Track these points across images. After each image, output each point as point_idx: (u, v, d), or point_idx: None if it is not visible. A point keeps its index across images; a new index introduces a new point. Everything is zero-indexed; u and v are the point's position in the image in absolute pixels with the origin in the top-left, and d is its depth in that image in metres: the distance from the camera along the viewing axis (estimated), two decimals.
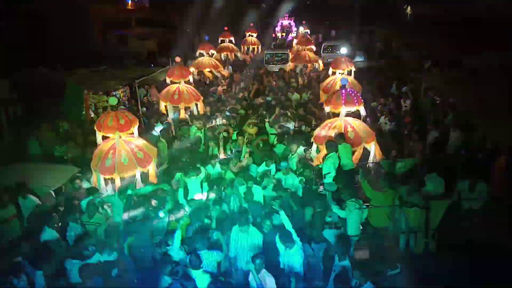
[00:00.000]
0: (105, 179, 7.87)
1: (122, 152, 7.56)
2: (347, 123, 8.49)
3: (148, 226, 6.44)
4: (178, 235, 5.92)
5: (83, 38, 23.07)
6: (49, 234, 6.40)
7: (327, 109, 9.13)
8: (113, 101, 8.02)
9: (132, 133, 8.07)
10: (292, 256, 5.60)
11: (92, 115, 13.23)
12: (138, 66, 18.02)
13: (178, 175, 7.87)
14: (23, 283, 5.37)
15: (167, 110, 12.10)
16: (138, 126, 8.56)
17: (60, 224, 6.77)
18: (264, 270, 5.26)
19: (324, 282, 5.92)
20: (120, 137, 7.74)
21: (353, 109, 8.89)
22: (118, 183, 7.53)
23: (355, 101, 8.77)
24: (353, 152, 8.16)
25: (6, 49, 16.79)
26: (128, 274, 5.84)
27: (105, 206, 7.41)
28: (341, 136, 7.93)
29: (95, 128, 8.12)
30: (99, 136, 8.10)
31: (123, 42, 25.55)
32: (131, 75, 14.67)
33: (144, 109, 13.56)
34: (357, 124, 8.52)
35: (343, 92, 8.72)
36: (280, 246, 5.72)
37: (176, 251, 5.91)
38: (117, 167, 7.41)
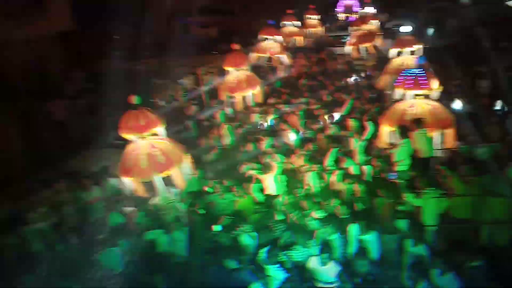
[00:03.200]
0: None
1: (143, 154, 7.12)
2: (422, 105, 7.99)
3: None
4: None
5: (148, 29, 23.90)
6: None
7: (399, 91, 8.70)
8: (133, 99, 7.33)
9: (156, 134, 7.61)
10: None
11: (159, 102, 13.80)
12: (201, 54, 18.38)
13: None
14: None
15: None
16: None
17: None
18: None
19: (398, 271, 5.76)
20: (145, 138, 7.34)
21: (427, 91, 8.36)
22: (137, 186, 7.22)
23: (431, 82, 8.24)
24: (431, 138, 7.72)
25: (79, 42, 17.85)
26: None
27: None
28: (418, 122, 7.50)
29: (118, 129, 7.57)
30: (124, 136, 7.54)
31: (186, 30, 26.12)
32: (195, 63, 15.07)
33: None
34: (434, 107, 8.01)
35: (418, 72, 8.19)
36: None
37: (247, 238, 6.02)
38: (134, 169, 7.07)
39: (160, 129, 7.58)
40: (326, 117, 9.88)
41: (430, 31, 21.30)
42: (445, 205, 6.35)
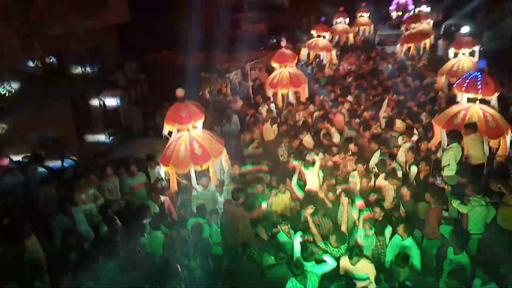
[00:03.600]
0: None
1: (182, 146, 7.19)
2: (485, 111, 7.62)
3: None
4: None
5: (199, 23, 24.42)
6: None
7: (460, 96, 8.35)
8: (180, 92, 7.34)
9: (196, 127, 7.57)
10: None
11: (208, 96, 14.09)
12: (249, 49, 18.51)
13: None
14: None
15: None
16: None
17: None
18: None
19: (437, 277, 5.59)
20: (188, 130, 7.37)
21: (485, 96, 7.97)
22: (172, 176, 7.30)
23: (493, 87, 7.82)
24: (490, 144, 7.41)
25: (133, 34, 18.57)
26: None
27: None
28: (472, 126, 7.20)
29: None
30: (165, 127, 7.64)
31: (236, 26, 26.39)
32: (242, 58, 15.21)
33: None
34: (494, 113, 7.62)
35: (480, 76, 7.83)
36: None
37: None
38: (173, 159, 7.13)
39: (201, 122, 7.62)
40: (371, 116, 9.71)
41: (488, 32, 20.18)
42: (492, 214, 6.06)
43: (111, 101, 13.00)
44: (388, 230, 5.91)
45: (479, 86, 7.71)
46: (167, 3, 22.55)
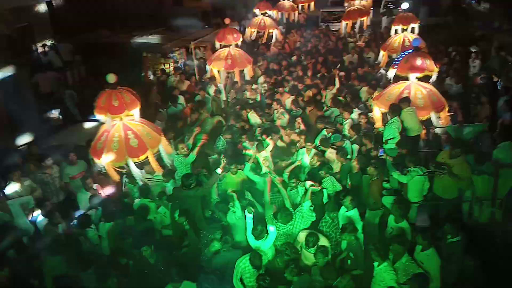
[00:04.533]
0: None
1: (115, 137, 6.60)
2: (425, 87, 7.90)
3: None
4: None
5: (139, 0, 23.38)
6: None
7: (391, 72, 8.64)
8: (111, 78, 6.66)
9: (132, 116, 6.97)
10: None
11: (151, 77, 13.61)
12: (193, 28, 18.05)
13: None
14: None
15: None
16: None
17: None
18: None
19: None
20: (121, 119, 6.77)
21: (422, 73, 8.17)
22: (110, 169, 6.74)
23: (429, 64, 8.08)
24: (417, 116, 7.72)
25: (68, 13, 17.43)
26: None
27: None
28: (406, 100, 7.50)
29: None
30: (96, 115, 6.93)
31: (178, 3, 25.53)
32: (186, 37, 14.79)
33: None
34: (428, 90, 7.91)
35: (415, 54, 8.09)
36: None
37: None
38: (105, 152, 6.54)
39: (137, 111, 6.95)
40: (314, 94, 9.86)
41: (424, 8, 21.08)
42: (428, 184, 6.43)
43: (45, 85, 12.17)
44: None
45: (414, 64, 7.93)
46: None
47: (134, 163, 6.74)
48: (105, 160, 6.57)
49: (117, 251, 5.71)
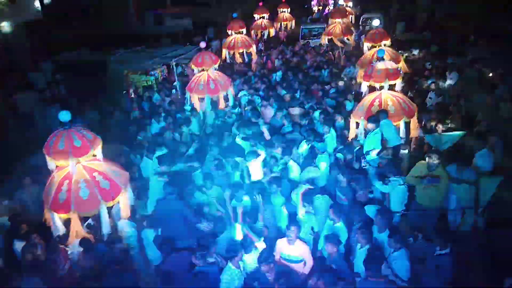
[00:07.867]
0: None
1: (81, 182, 5.55)
2: (394, 95, 8.23)
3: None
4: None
5: (121, 19, 23.49)
6: None
7: (364, 84, 8.86)
8: (64, 116, 5.51)
9: (95, 156, 5.85)
10: None
11: (132, 95, 13.54)
12: (174, 45, 18.11)
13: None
14: None
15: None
16: None
17: None
18: None
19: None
20: (78, 162, 5.65)
21: (389, 83, 8.54)
22: (76, 224, 5.66)
23: (393, 74, 8.52)
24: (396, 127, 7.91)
25: (48, 31, 17.34)
26: None
27: None
28: (383, 112, 7.71)
29: (44, 151, 5.62)
30: (50, 162, 5.65)
31: (159, 21, 25.74)
32: (168, 54, 14.82)
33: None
34: (398, 98, 8.20)
35: (381, 65, 8.47)
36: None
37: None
38: (73, 203, 5.48)
39: (99, 150, 5.85)
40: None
41: (400, 24, 21.80)
42: (410, 192, 6.51)
43: (25, 104, 11.99)
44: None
45: (382, 75, 8.38)
46: None
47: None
48: (76, 213, 5.55)
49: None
